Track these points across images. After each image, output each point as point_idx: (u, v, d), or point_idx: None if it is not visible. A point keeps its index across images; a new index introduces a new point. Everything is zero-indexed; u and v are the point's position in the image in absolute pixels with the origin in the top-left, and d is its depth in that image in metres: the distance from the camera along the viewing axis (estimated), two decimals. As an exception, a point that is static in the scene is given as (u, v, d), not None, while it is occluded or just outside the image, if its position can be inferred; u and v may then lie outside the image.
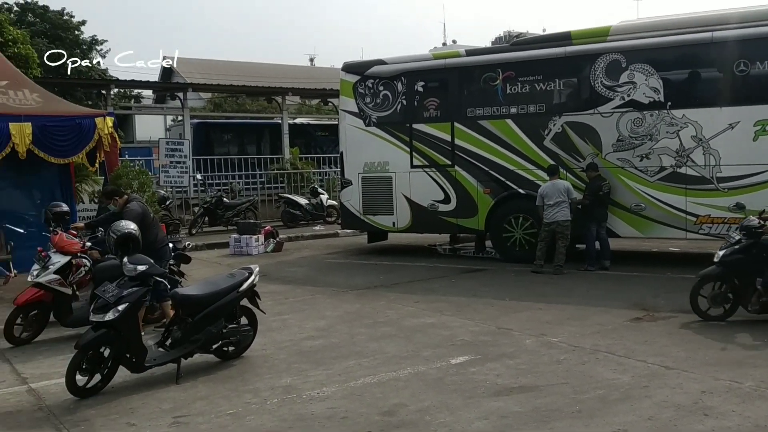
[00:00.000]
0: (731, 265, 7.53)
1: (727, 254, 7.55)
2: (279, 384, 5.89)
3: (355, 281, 10.69)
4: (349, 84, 13.25)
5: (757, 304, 7.45)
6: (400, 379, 5.91)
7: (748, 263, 7.45)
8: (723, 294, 7.59)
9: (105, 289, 5.86)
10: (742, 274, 7.49)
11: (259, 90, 23.68)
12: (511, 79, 11.70)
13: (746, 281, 7.50)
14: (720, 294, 7.60)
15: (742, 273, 7.49)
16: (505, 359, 6.36)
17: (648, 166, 10.70)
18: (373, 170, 13.06)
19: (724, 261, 7.56)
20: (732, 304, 7.60)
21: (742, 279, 7.52)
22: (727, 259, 7.54)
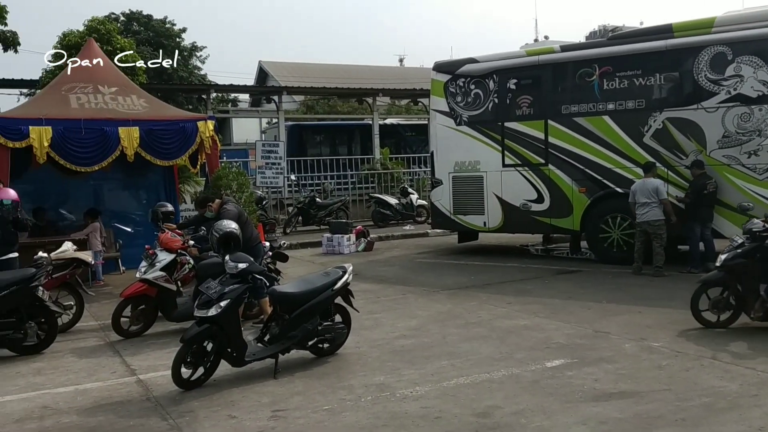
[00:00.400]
0: (733, 270, 7.19)
1: (729, 258, 7.23)
2: (373, 382, 5.96)
3: (445, 281, 10.66)
4: (440, 83, 13.23)
5: (760, 310, 7.05)
6: (494, 380, 5.85)
7: (751, 268, 7.10)
8: (725, 300, 7.27)
9: (208, 286, 6.11)
10: (745, 279, 7.15)
11: (351, 92, 24.03)
12: (609, 75, 11.35)
13: (749, 287, 7.10)
14: (722, 300, 7.28)
15: (745, 278, 7.15)
16: (604, 363, 6.17)
17: (756, 164, 10.12)
18: (464, 169, 12.99)
19: (726, 265, 7.23)
20: (735, 311, 7.24)
21: (745, 284, 7.17)
22: (729, 263, 7.22)
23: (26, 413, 5.52)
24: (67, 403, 5.74)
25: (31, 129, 9.67)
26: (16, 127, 9.67)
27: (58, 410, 5.57)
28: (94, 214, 11.26)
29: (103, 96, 10.79)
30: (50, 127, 9.79)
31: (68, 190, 12.35)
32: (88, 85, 10.86)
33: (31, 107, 10.99)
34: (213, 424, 5.15)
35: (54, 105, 10.44)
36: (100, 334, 8.15)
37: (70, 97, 10.60)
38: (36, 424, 5.29)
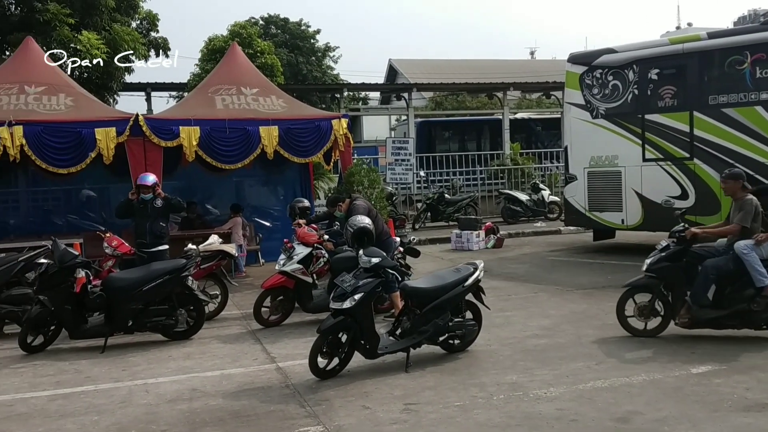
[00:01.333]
0: (659, 274, 6.89)
1: (653, 262, 6.94)
2: (505, 380, 5.88)
3: (579, 280, 10.32)
4: (575, 75, 12.81)
5: (685, 316, 6.54)
6: (634, 385, 5.60)
7: (676, 271, 6.83)
8: (650, 306, 6.93)
9: (343, 279, 6.28)
10: (671, 283, 6.87)
11: (480, 87, 23.81)
12: (762, 62, 10.51)
13: (676, 292, 6.82)
14: (648, 306, 6.94)
15: (671, 282, 6.86)
16: (756, 372, 5.74)
17: None
18: (600, 164, 12.50)
19: (650, 269, 6.94)
20: (663, 318, 6.91)
21: (671, 289, 6.87)
22: (653, 267, 6.93)
23: (177, 394, 5.93)
24: (214, 386, 6.11)
25: (181, 129, 10.35)
26: (168, 127, 10.39)
27: (205, 393, 5.94)
28: (237, 209, 11.91)
29: (246, 97, 11.36)
30: (198, 127, 10.44)
31: (213, 186, 13.13)
32: (231, 87, 11.48)
33: (180, 109, 11.78)
34: (348, 414, 5.29)
35: (201, 106, 11.13)
36: (243, 322, 8.61)
37: (216, 98, 11.25)
38: (186, 405, 5.67)
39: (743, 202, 6.91)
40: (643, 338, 6.97)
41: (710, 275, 6.66)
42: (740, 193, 7.01)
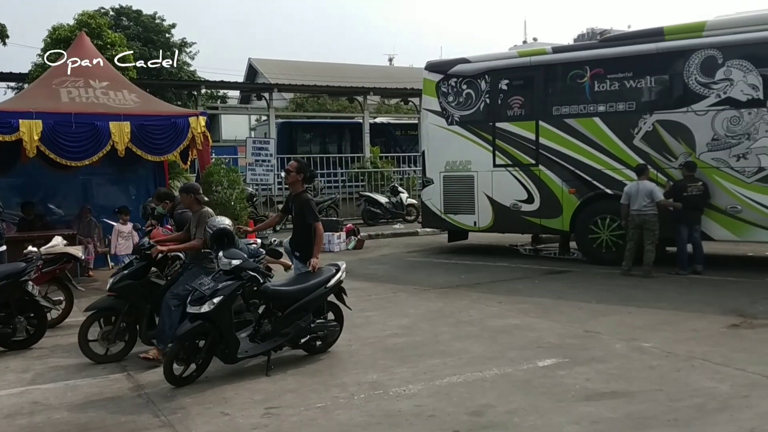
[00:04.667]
0: (122, 293, 6.72)
1: (116, 281, 6.71)
2: (365, 380, 5.96)
3: (436, 280, 10.68)
4: (432, 83, 13.25)
5: (145, 335, 6.75)
6: (487, 379, 5.87)
7: (138, 290, 6.75)
8: (115, 329, 6.70)
9: (201, 282, 6.08)
10: (136, 302, 6.74)
11: (342, 90, 23.99)
12: (600, 77, 11.42)
13: (138, 310, 6.76)
14: (112, 329, 6.70)
15: (136, 301, 6.73)
16: (595, 363, 6.21)
17: (745, 167, 10.23)
18: (455, 169, 13.01)
19: (113, 288, 6.69)
20: (128, 341, 6.77)
21: (135, 307, 6.75)
22: (116, 286, 6.69)
23: (16, 408, 5.47)
24: (58, 398, 5.70)
25: (21, 122, 9.56)
26: (6, 120, 9.56)
27: (48, 406, 5.52)
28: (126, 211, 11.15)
29: (94, 90, 10.71)
30: (40, 121, 9.69)
31: (57, 184, 12.25)
32: (79, 79, 10.78)
33: (20, 101, 10.89)
34: (205, 421, 5.13)
35: (44, 99, 10.34)
36: (90, 329, 8.08)
37: (61, 91, 10.51)
38: (26, 419, 5.24)
39: (200, 216, 6.71)
40: (494, 334, 7.33)
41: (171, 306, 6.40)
42: (196, 206, 6.82)
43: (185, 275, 6.69)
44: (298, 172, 7.19)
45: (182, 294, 6.41)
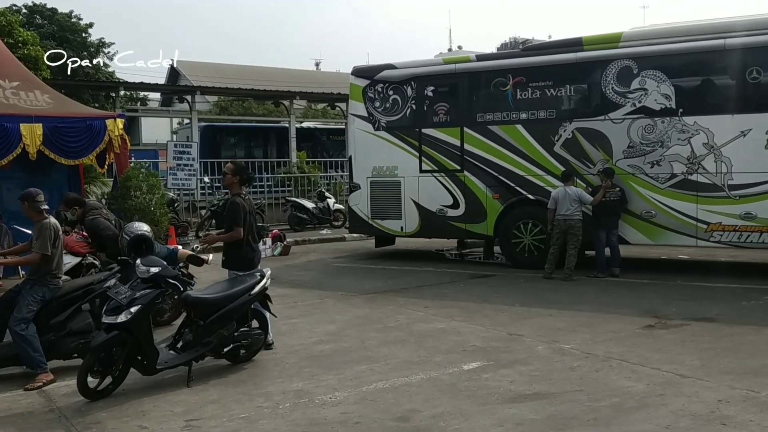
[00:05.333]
0: None
1: None
2: (291, 388, 5.86)
3: (363, 285, 10.66)
4: (359, 88, 13.24)
5: None
6: (413, 384, 5.87)
7: None
8: None
9: (117, 291, 5.84)
10: None
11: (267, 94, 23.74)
12: (522, 85, 11.68)
13: None
14: None
15: None
16: (518, 366, 6.32)
17: (659, 173, 10.66)
18: (382, 174, 13.03)
19: None
20: None
21: None
22: None
23: None
24: (-40, 417, 5.35)
25: None
26: None
27: (-51, 425, 5.18)
28: None
29: (4, 90, 10.16)
30: (-58, 122, 9.12)
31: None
32: (-14, 78, 10.21)
33: None
34: (122, 436, 4.92)
35: (-53, 98, 9.75)
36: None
37: (-34, 90, 9.93)
38: (-76, 441, 4.90)
39: (41, 227, 6.30)
40: (421, 339, 7.35)
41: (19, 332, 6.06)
42: (37, 216, 6.39)
43: (23, 294, 6.23)
44: (233, 174, 7.04)
45: (28, 317, 6.04)
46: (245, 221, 6.89)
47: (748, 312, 8.25)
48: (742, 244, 10.24)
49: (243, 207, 6.91)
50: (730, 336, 7.16)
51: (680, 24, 10.99)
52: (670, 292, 9.56)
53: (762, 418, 4.87)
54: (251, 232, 7.00)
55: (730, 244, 10.33)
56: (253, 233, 7.03)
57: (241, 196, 7.01)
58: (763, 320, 7.74)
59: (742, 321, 7.77)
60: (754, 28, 10.01)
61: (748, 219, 10.02)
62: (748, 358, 6.34)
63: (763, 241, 10.00)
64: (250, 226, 6.98)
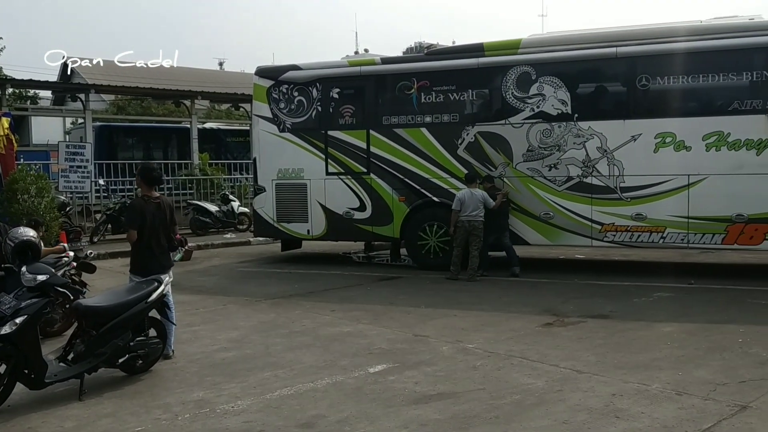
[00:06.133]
0: None
1: None
2: (191, 398, 5.65)
3: (269, 290, 10.47)
4: (263, 89, 13.02)
5: None
6: (318, 389, 5.80)
7: None
8: None
9: (1, 301, 5.45)
10: None
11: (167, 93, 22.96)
12: (426, 89, 11.82)
13: None
14: None
15: None
16: (423, 366, 6.36)
17: (556, 176, 11.05)
18: (288, 177, 12.86)
19: None
20: None
21: None
22: None
23: None
24: None
25: None
26: None
27: None
28: None
29: None
30: None
31: None
32: None
33: None
34: (5, 457, 4.58)
35: None
36: None
37: None
38: None
39: None
40: (327, 343, 7.28)
41: None
42: None
43: None
44: (138, 176, 6.82)
45: None
46: (144, 224, 6.60)
47: (640, 308, 8.67)
48: (633, 244, 10.77)
49: (141, 209, 6.62)
50: (623, 332, 7.49)
51: (576, 32, 11.44)
52: (568, 290, 9.92)
53: (652, 410, 5.11)
54: (154, 235, 6.71)
55: (623, 244, 10.85)
56: (157, 237, 6.73)
57: (150, 197, 6.70)
58: (653, 316, 8.15)
59: (634, 317, 8.16)
60: (644, 38, 10.56)
61: (638, 219, 10.55)
62: (640, 353, 6.65)
63: (653, 240, 10.56)
64: (152, 228, 6.69)
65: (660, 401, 5.29)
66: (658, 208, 10.42)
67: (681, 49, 10.31)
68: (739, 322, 7.68)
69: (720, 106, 10.32)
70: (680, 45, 10.31)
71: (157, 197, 6.81)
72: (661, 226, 10.45)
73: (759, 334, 7.13)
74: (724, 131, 10.04)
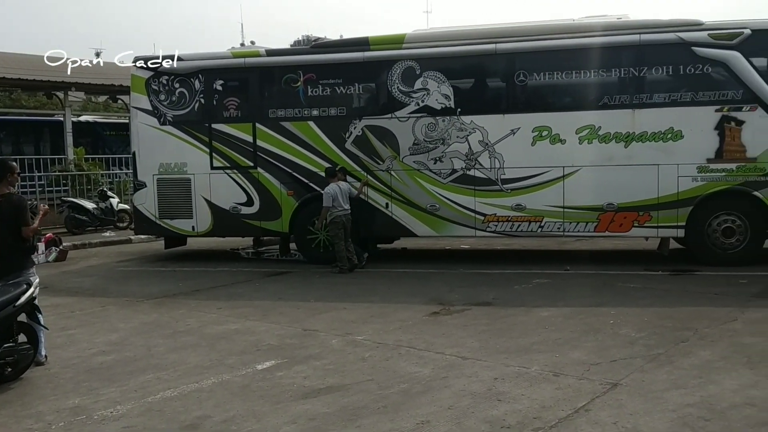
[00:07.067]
0: None
1: None
2: (66, 406, 5.34)
3: (151, 290, 10.08)
4: (142, 80, 12.48)
5: None
6: (204, 389, 5.64)
7: None
8: None
9: None
10: None
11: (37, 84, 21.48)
12: (312, 82, 11.75)
13: None
14: None
15: None
16: (312, 361, 6.33)
17: (441, 169, 11.30)
18: (170, 171, 12.42)
19: None
20: None
21: None
22: None
23: None
24: None
25: None
26: None
27: None
28: None
29: None
30: None
31: None
32: None
33: None
34: None
35: None
36: None
37: None
38: None
39: None
40: (213, 342, 7.10)
41: None
42: None
43: None
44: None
45: None
46: None
47: (521, 295, 9.04)
48: (514, 233, 11.21)
49: None
50: (505, 318, 7.78)
51: (458, 28, 11.72)
52: (454, 279, 10.19)
53: (532, 391, 5.33)
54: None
55: (504, 234, 11.27)
56: (2, 236, 6.27)
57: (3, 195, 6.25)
58: (533, 302, 8.52)
59: (515, 303, 8.50)
60: (521, 35, 10.99)
61: (518, 210, 10.99)
62: (520, 337, 6.93)
63: (532, 229, 11.03)
64: None
65: (539, 383, 5.53)
66: (536, 198, 10.89)
67: (555, 46, 10.81)
68: (611, 305, 8.17)
69: (592, 101, 10.89)
70: (554, 42, 10.81)
71: (5, 194, 6.35)
72: (539, 216, 10.93)
73: (628, 316, 7.61)
74: (595, 125, 10.63)
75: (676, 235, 10.78)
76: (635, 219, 10.60)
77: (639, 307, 8.01)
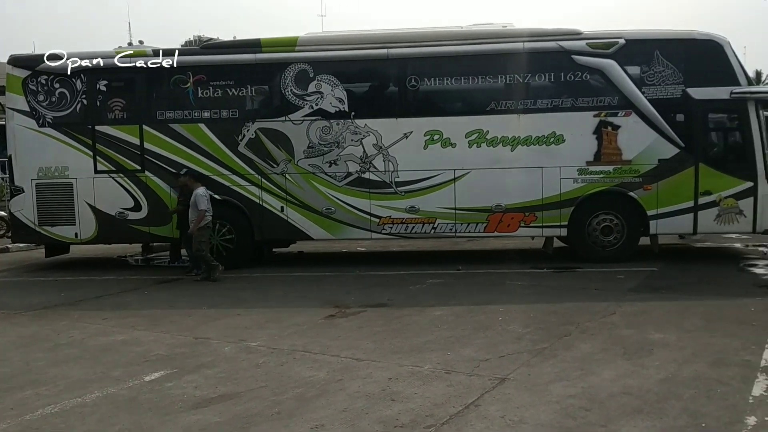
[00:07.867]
0: None
1: None
2: (-70, 430, 4.96)
3: (30, 301, 9.51)
4: (18, 79, 11.76)
5: None
6: (87, 404, 5.38)
7: None
8: None
9: None
10: None
11: None
12: (203, 83, 11.47)
13: None
14: None
15: None
16: (204, 369, 6.18)
17: (336, 172, 11.33)
18: (50, 176, 11.75)
19: None
20: None
21: None
22: None
23: None
24: None
25: None
26: None
27: None
28: None
29: None
30: None
31: None
32: None
33: None
34: None
35: None
36: None
37: None
38: None
39: None
40: (97, 354, 6.79)
41: None
42: None
43: None
44: None
45: None
46: None
47: (415, 295, 9.21)
48: (408, 235, 11.40)
49: None
50: (399, 318, 7.89)
51: (351, 32, 11.80)
52: (350, 282, 10.25)
53: (425, 390, 5.44)
54: None
55: (399, 235, 11.44)
56: None
57: None
58: (426, 302, 8.70)
59: (410, 303, 8.65)
60: (412, 41, 11.21)
61: (412, 212, 11.19)
62: (414, 337, 7.05)
63: (425, 231, 11.26)
64: None
65: (431, 381, 5.65)
66: (429, 200, 11.14)
67: (444, 52, 11.11)
68: (500, 303, 8.47)
69: (480, 106, 11.26)
70: (443, 48, 11.11)
71: None
72: (432, 218, 11.18)
73: (516, 312, 7.92)
74: (483, 129, 11.00)
75: (559, 234, 11.33)
76: (522, 219, 11.05)
77: (526, 304, 8.36)
